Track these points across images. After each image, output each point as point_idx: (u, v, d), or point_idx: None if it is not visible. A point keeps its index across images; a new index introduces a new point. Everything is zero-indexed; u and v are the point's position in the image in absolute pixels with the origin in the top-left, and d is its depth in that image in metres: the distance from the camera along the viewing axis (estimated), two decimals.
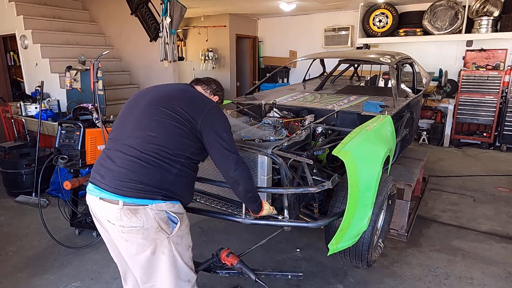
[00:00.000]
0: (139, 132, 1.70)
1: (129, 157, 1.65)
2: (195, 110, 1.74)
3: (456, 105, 6.48)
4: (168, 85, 2.01)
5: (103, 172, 1.68)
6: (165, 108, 1.72)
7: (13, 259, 3.02)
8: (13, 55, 7.44)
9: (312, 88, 4.33)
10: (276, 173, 2.43)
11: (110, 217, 1.64)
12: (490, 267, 2.89)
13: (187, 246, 1.80)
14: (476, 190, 4.50)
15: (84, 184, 3.26)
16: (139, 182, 1.61)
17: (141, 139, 1.67)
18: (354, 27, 7.76)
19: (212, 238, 3.35)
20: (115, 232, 1.68)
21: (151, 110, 1.74)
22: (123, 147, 1.69)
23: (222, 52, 8.94)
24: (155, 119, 1.71)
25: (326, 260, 2.94)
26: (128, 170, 1.62)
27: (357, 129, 2.50)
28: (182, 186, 1.75)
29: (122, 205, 1.60)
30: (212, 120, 1.76)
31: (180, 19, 5.36)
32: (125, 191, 1.60)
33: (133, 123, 1.75)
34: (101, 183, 1.66)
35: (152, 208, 1.62)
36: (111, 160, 1.68)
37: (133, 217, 1.60)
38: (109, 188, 1.63)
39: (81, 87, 4.60)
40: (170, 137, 1.68)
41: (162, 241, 1.68)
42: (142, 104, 1.79)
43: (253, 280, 2.06)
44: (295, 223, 2.18)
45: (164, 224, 1.66)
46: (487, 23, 6.16)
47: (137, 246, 1.67)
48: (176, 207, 1.72)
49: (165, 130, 1.69)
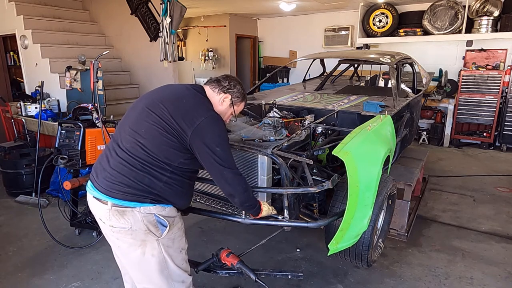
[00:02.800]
0: (130, 136, 1.66)
1: (120, 159, 1.64)
2: (187, 121, 1.63)
3: (456, 105, 6.48)
4: (171, 88, 1.87)
5: (99, 171, 1.69)
6: (156, 114, 1.65)
7: (13, 259, 3.02)
8: (13, 55, 7.43)
9: (312, 88, 4.33)
10: (276, 173, 2.43)
11: (101, 216, 1.67)
12: (490, 267, 2.89)
13: (179, 249, 1.76)
14: (476, 190, 4.50)
15: (84, 184, 3.26)
16: (127, 185, 1.60)
17: (131, 143, 1.65)
18: (354, 27, 7.76)
19: (212, 238, 3.35)
20: (106, 230, 1.70)
21: (144, 114, 1.69)
22: (117, 148, 1.68)
23: (222, 52, 8.94)
24: (145, 124, 1.65)
25: (326, 260, 2.94)
26: (118, 173, 1.62)
27: (357, 129, 2.50)
28: (173, 193, 1.68)
29: (111, 206, 1.61)
30: (204, 134, 1.63)
31: (180, 19, 5.36)
32: (114, 193, 1.60)
33: (129, 125, 1.72)
34: (95, 182, 1.68)
35: (140, 210, 1.60)
36: (107, 159, 1.69)
37: (120, 218, 1.61)
38: (100, 188, 1.64)
39: (81, 87, 4.60)
40: (157, 145, 1.62)
41: (152, 243, 1.66)
42: (140, 106, 1.75)
43: (253, 280, 2.06)
44: (295, 223, 2.18)
45: (153, 227, 1.63)
46: (487, 23, 6.16)
47: (128, 245, 1.68)
48: (166, 210, 1.67)
49: (152, 137, 1.62)
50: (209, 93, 1.85)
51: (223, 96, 1.85)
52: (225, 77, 1.90)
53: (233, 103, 1.88)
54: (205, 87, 1.87)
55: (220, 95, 1.85)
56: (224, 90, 1.85)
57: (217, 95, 1.85)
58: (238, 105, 1.92)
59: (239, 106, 1.94)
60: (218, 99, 1.84)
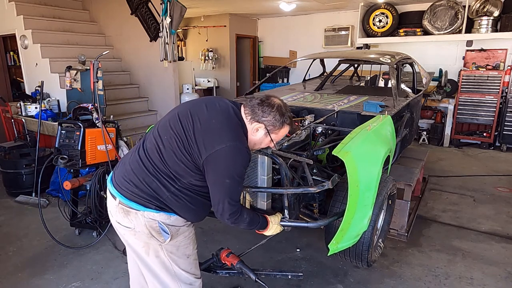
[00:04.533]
0: (154, 138, 1.64)
1: (138, 158, 1.63)
2: (206, 143, 1.52)
3: (456, 105, 6.48)
4: (211, 102, 1.69)
5: (121, 164, 1.70)
6: (181, 125, 1.58)
7: (13, 259, 3.02)
8: (13, 55, 7.43)
9: (312, 88, 4.32)
10: (276, 173, 2.43)
11: (111, 209, 1.68)
12: (490, 267, 2.89)
13: (185, 256, 1.70)
14: (476, 190, 4.50)
15: (84, 184, 3.26)
16: (135, 185, 1.58)
17: (152, 145, 1.62)
18: (354, 27, 7.76)
19: (212, 238, 3.35)
20: (114, 223, 1.70)
21: (173, 121, 1.63)
22: (141, 146, 1.68)
23: (222, 52, 8.94)
24: (169, 132, 1.60)
25: (326, 260, 2.94)
26: (132, 171, 1.61)
27: (357, 129, 2.50)
28: (181, 207, 1.60)
29: (118, 202, 1.61)
30: (218, 162, 1.51)
31: (180, 19, 5.36)
32: (123, 190, 1.61)
33: (158, 126, 1.69)
34: (114, 175, 1.69)
35: (144, 215, 1.56)
36: (130, 155, 1.69)
37: (125, 217, 1.61)
38: (114, 183, 1.65)
39: (81, 87, 4.59)
40: (172, 156, 1.56)
41: (155, 246, 1.64)
42: (175, 111, 1.68)
43: (253, 280, 2.06)
44: (295, 223, 2.18)
45: (156, 233, 1.59)
46: (487, 23, 6.16)
47: (133, 243, 1.68)
48: (172, 219, 1.60)
49: (170, 147, 1.57)
50: (244, 118, 1.66)
51: (256, 126, 1.64)
52: (261, 102, 1.65)
53: (269, 131, 1.66)
54: (242, 109, 1.68)
55: (252, 124, 1.65)
56: (257, 119, 1.64)
57: (249, 123, 1.65)
58: (276, 132, 1.68)
59: (278, 133, 1.70)
60: (251, 129, 1.65)
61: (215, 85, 8.74)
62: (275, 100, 1.68)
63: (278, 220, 1.94)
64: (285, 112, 1.67)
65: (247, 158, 1.57)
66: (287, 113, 1.69)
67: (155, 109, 6.31)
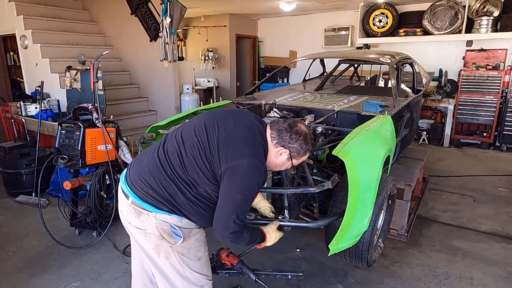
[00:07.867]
0: (176, 142, 1.62)
1: (157, 159, 1.61)
2: (228, 156, 1.52)
3: (456, 105, 6.48)
4: (239, 115, 1.72)
5: (136, 162, 1.69)
6: (206, 134, 1.58)
7: (13, 259, 3.02)
8: (13, 55, 7.43)
9: (312, 88, 4.33)
10: (276, 173, 2.43)
11: (122, 208, 1.67)
12: (490, 267, 2.89)
13: (196, 258, 1.70)
14: (476, 190, 4.50)
15: (84, 184, 3.26)
16: (151, 187, 1.57)
17: (173, 148, 1.61)
18: (354, 27, 7.76)
19: (212, 238, 3.34)
20: (125, 222, 1.69)
21: (198, 128, 1.62)
22: (161, 147, 1.65)
23: (222, 52, 8.94)
24: (193, 138, 1.59)
25: (326, 260, 2.94)
26: (148, 171, 1.60)
27: (357, 129, 2.50)
28: (195, 213, 1.60)
29: (131, 202, 1.60)
30: (236, 176, 1.51)
31: (180, 19, 5.36)
32: (137, 190, 1.59)
33: (181, 130, 1.67)
34: (128, 173, 1.67)
35: (156, 217, 1.56)
36: (147, 154, 1.68)
37: (136, 218, 1.60)
38: (128, 181, 1.64)
39: (81, 87, 4.59)
40: (192, 164, 1.55)
41: (166, 248, 1.63)
42: (201, 118, 1.68)
43: (253, 280, 2.05)
44: (295, 223, 2.18)
45: (167, 235, 1.59)
46: (487, 23, 6.16)
47: (143, 244, 1.68)
48: (183, 222, 1.60)
49: (192, 154, 1.56)
50: (268, 138, 1.66)
51: (281, 150, 1.66)
52: (289, 128, 1.66)
53: (291, 157, 1.68)
54: (267, 130, 1.68)
55: (277, 148, 1.65)
56: (283, 144, 1.65)
57: (274, 147, 1.66)
58: (298, 158, 1.71)
59: (300, 159, 1.73)
60: (275, 152, 1.66)
61: (215, 85, 8.74)
62: (303, 127, 1.69)
63: (275, 228, 1.89)
64: (309, 140, 1.70)
65: (263, 177, 1.58)
66: (311, 141, 1.72)
67: (155, 109, 6.30)
